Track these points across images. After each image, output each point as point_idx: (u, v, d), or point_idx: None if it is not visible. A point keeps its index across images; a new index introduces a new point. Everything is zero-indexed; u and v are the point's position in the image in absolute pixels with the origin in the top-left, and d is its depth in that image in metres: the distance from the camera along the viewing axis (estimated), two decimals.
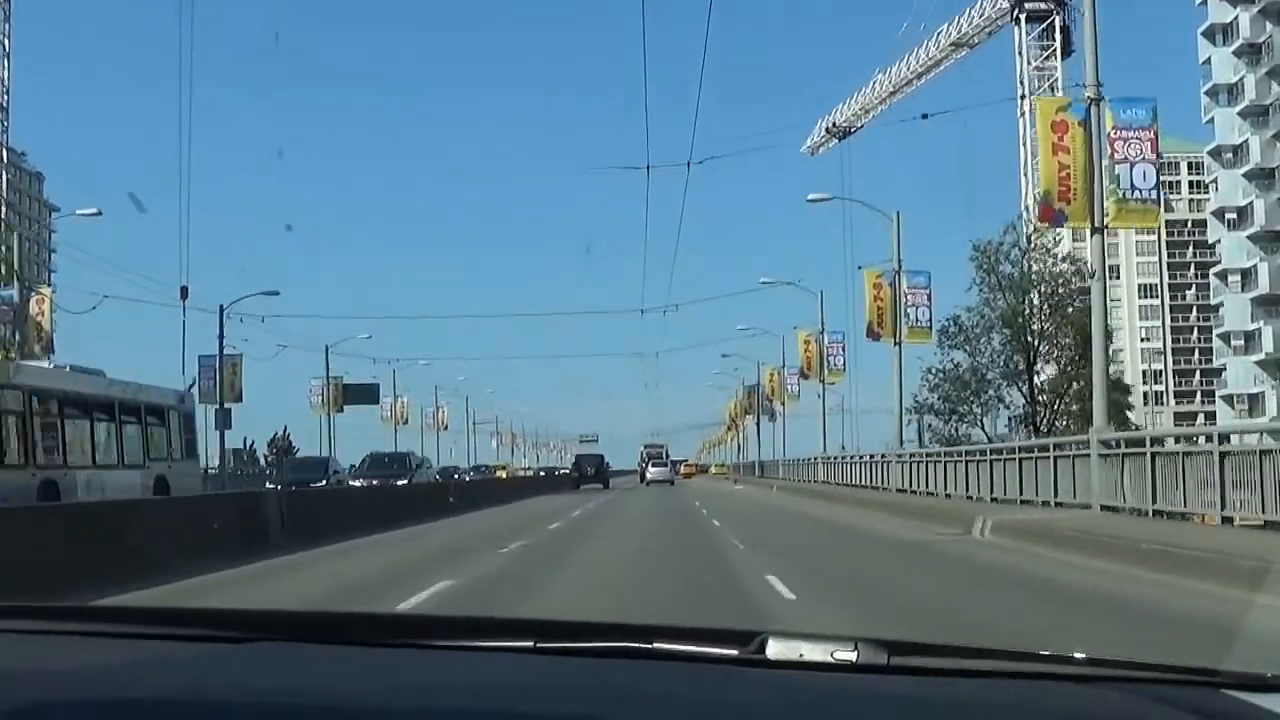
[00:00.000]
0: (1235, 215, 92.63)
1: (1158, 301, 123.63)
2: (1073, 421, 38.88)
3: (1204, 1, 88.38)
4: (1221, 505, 15.49)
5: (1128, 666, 1.72)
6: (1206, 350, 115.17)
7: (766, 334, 69.37)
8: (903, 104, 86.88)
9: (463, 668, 1.78)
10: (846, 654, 1.68)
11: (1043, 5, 78.88)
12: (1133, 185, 20.25)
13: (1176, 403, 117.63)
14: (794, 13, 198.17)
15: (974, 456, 28.56)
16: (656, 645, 1.75)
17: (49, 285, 54.05)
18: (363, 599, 12.18)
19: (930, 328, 37.70)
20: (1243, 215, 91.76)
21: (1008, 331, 40.69)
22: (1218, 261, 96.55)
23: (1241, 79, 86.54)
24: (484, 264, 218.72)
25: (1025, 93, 76.65)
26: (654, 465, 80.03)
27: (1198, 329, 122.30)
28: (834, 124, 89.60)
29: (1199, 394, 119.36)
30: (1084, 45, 20.87)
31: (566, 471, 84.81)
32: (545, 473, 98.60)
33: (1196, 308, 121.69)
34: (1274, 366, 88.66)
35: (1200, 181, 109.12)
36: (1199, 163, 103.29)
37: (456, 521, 27.70)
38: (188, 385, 29.20)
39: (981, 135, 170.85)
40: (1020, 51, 77.31)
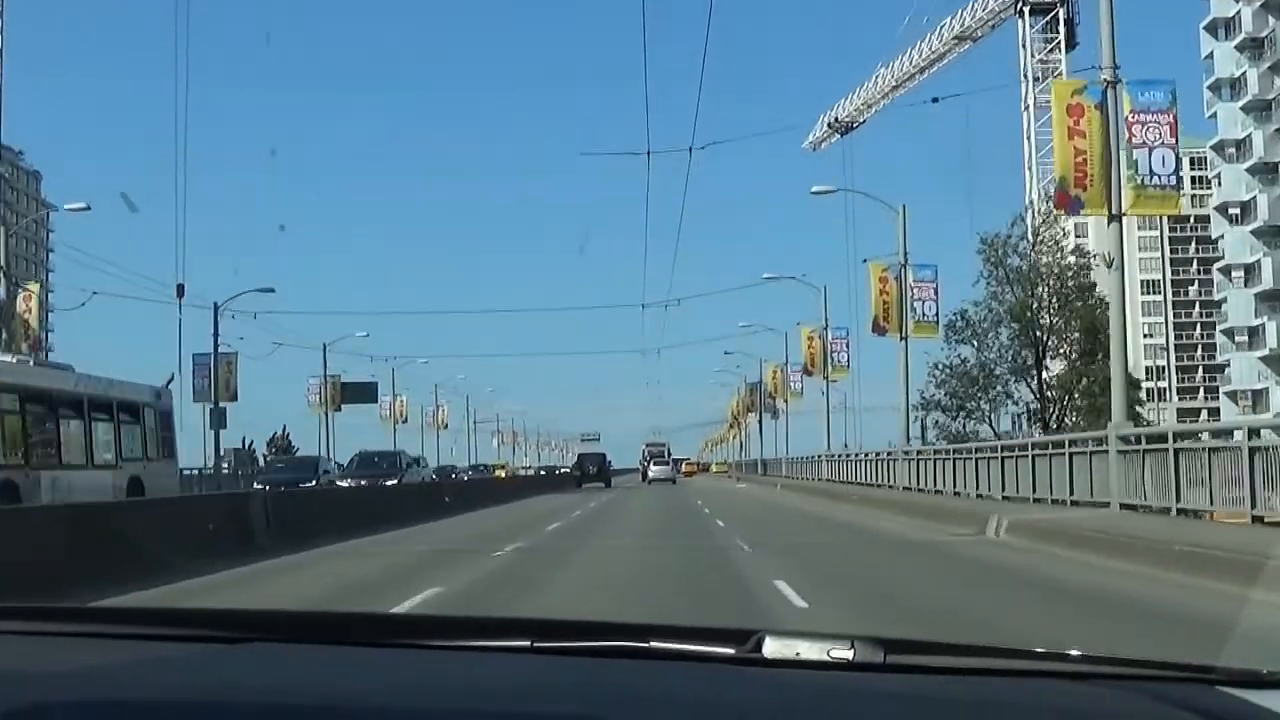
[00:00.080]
0: (1238, 210, 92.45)
1: (1160, 297, 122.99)
2: (1082, 418, 38.17)
3: None
4: (1252, 503, 14.73)
5: (1124, 664, 1.72)
6: (1209, 346, 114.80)
7: (769, 331, 69.21)
8: (905, 98, 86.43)
9: (460, 668, 1.78)
10: (843, 652, 1.67)
11: None
12: (1151, 171, 19.52)
13: (1179, 399, 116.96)
14: (795, 7, 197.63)
15: (984, 454, 27.80)
16: (653, 644, 1.74)
17: (37, 282, 53.25)
18: (343, 607, 11.44)
19: (937, 322, 36.95)
20: (1246, 210, 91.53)
21: (1016, 326, 39.90)
22: (1221, 257, 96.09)
23: (1244, 73, 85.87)
24: (483, 261, 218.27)
25: (1029, 86, 76.10)
26: (656, 464, 79.84)
27: (1200, 325, 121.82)
28: (836, 119, 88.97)
29: (1202, 390, 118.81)
30: (1100, 24, 20.10)
31: (568, 470, 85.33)
32: (546, 472, 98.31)
33: (1199, 304, 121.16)
34: (1278, 362, 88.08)
35: (1203, 177, 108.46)
36: (1202, 158, 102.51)
37: (451, 523, 26.95)
38: (166, 380, 28.04)
39: (985, 130, 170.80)
40: (1024, 44, 76.64)
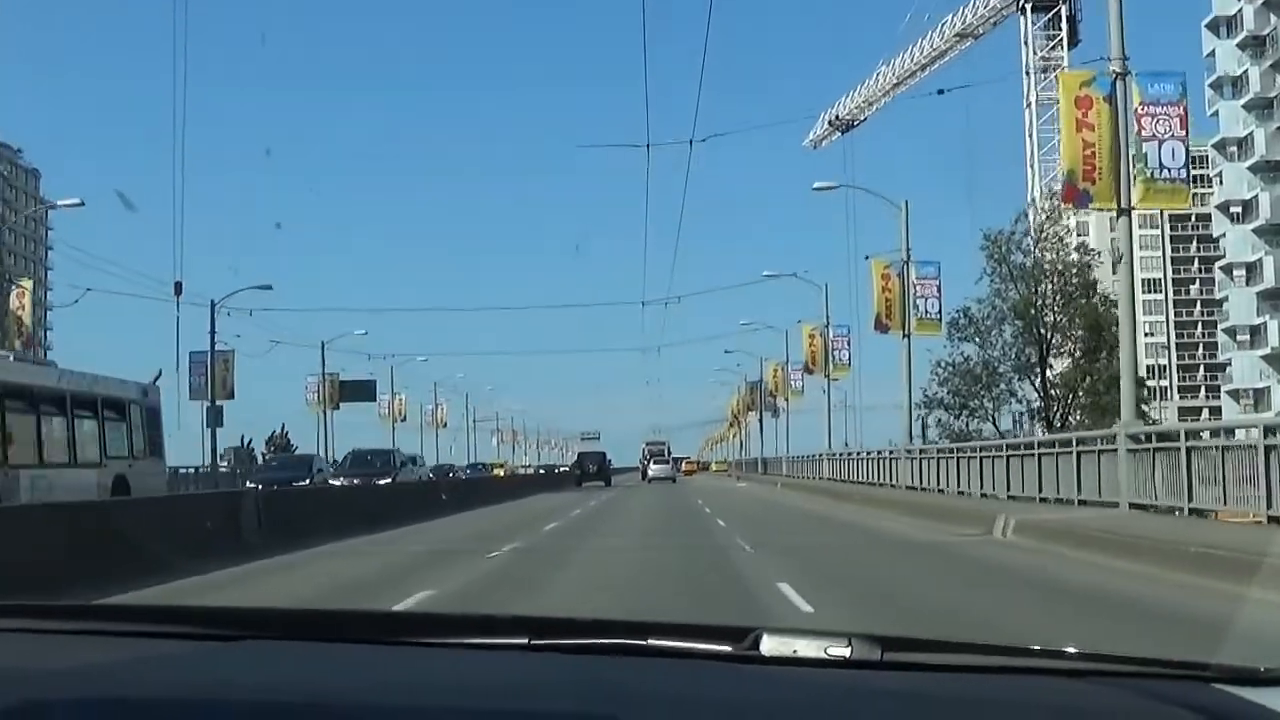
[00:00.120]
0: (1240, 209, 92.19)
1: (1161, 296, 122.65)
2: (1086, 416, 37.78)
3: None
4: (1268, 503, 14.34)
5: (1120, 661, 1.71)
6: (1210, 345, 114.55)
7: (769, 329, 68.90)
8: (907, 94, 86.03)
9: (456, 665, 1.77)
10: (840, 650, 1.67)
11: None
12: (1161, 164, 19.10)
13: (1180, 398, 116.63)
14: (795, 5, 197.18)
15: (989, 452, 27.41)
16: (651, 642, 1.73)
17: (31, 279, 52.92)
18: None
19: (940, 319, 36.55)
20: (1248, 209, 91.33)
21: (1020, 323, 39.46)
22: (1222, 256, 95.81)
23: (1246, 72, 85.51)
24: (483, 259, 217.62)
25: (1031, 84, 75.63)
26: (656, 463, 79.76)
27: (1201, 324, 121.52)
28: (837, 117, 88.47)
29: (1203, 389, 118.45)
30: (1109, 14, 19.67)
31: (567, 469, 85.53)
32: (545, 471, 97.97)
33: (1200, 302, 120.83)
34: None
35: (1204, 175, 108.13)
36: (1203, 156, 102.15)
37: (447, 522, 26.54)
38: (154, 377, 27.54)
39: (987, 128, 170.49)
40: (1026, 41, 76.12)
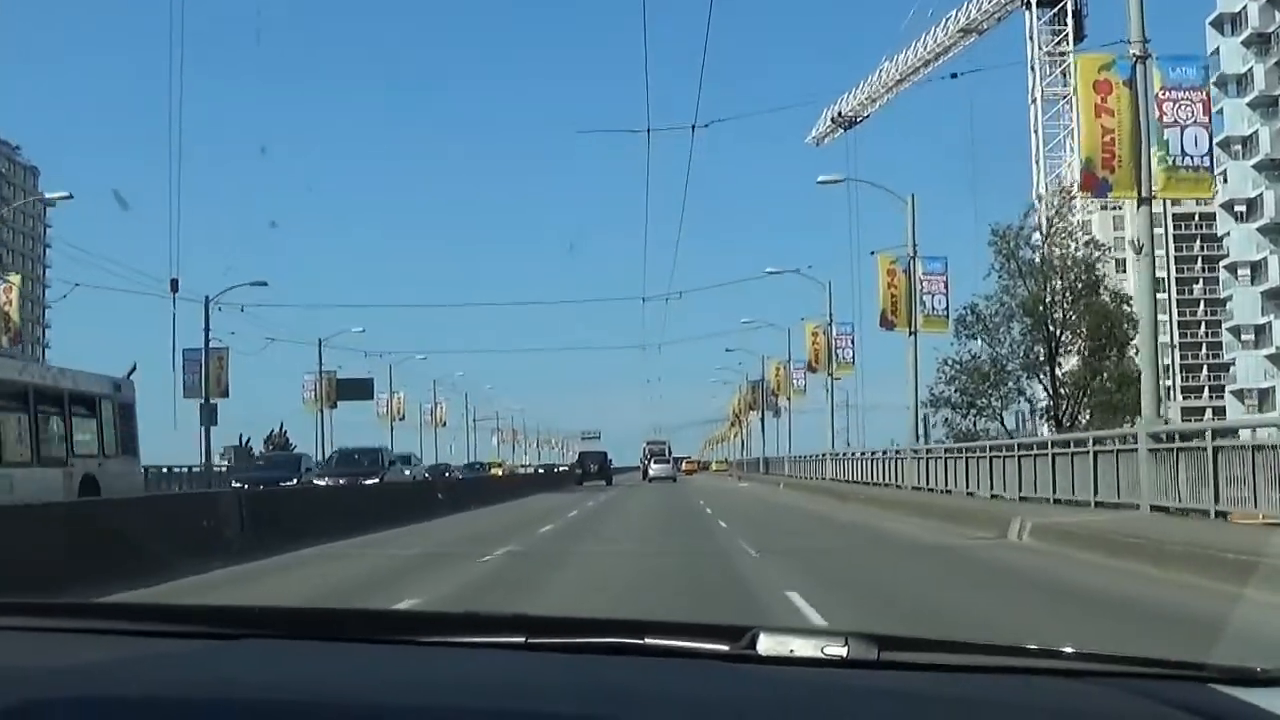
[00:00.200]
0: (1244, 207, 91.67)
1: (1164, 295, 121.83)
2: (1096, 415, 36.97)
3: None
4: None
5: (1116, 661, 1.71)
6: (1214, 345, 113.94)
7: (771, 326, 68.21)
8: (910, 92, 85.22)
9: (454, 664, 1.77)
10: (837, 649, 1.67)
11: None
12: (1183, 151, 18.34)
13: (1184, 398, 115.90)
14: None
15: (999, 452, 26.62)
16: (648, 641, 1.74)
17: (18, 274, 52.13)
18: None
19: (947, 316, 35.79)
20: (1252, 207, 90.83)
21: (1029, 320, 38.61)
22: (1225, 255, 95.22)
23: (1250, 69, 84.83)
24: (482, 256, 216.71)
25: (1036, 79, 74.77)
26: (656, 462, 79.72)
27: (1205, 323, 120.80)
28: (839, 113, 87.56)
29: (1206, 389, 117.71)
30: None
31: (567, 469, 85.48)
32: (545, 470, 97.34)
33: (1204, 301, 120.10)
34: None
35: None
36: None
37: (441, 524, 25.70)
38: (127, 371, 26.27)
39: (991, 126, 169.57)
40: (1031, 36, 75.24)
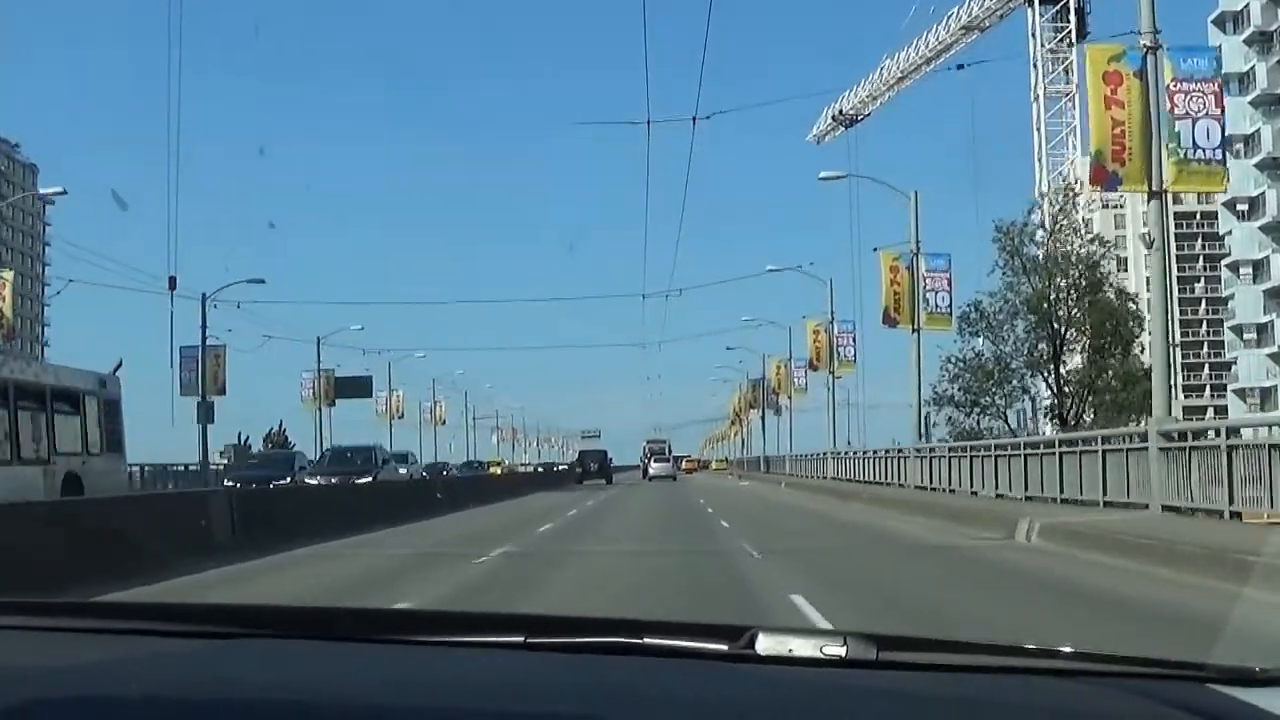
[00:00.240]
0: (1246, 206, 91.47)
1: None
2: (1102, 414, 36.57)
3: None
4: None
5: (1115, 661, 1.71)
6: (1215, 344, 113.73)
7: (772, 324, 67.95)
8: (911, 91, 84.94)
9: (453, 664, 1.76)
10: (836, 649, 1.67)
11: None
12: (1195, 144, 17.90)
13: (1185, 397, 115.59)
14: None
15: (1004, 451, 26.22)
16: (647, 641, 1.74)
17: (10, 269, 51.67)
18: None
19: (950, 313, 35.35)
20: (1254, 206, 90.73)
21: (1033, 318, 38.18)
22: (1227, 254, 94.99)
23: (1252, 68, 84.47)
24: (480, 251, 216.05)
25: (1039, 77, 74.42)
26: (656, 461, 79.64)
27: (1206, 322, 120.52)
28: (840, 111, 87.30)
29: (1208, 388, 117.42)
30: None
31: (566, 467, 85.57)
32: (544, 469, 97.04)
33: (1205, 300, 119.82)
34: None
35: None
36: None
37: (437, 524, 25.27)
38: (114, 366, 25.63)
39: (993, 123, 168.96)
40: (1034, 34, 74.89)
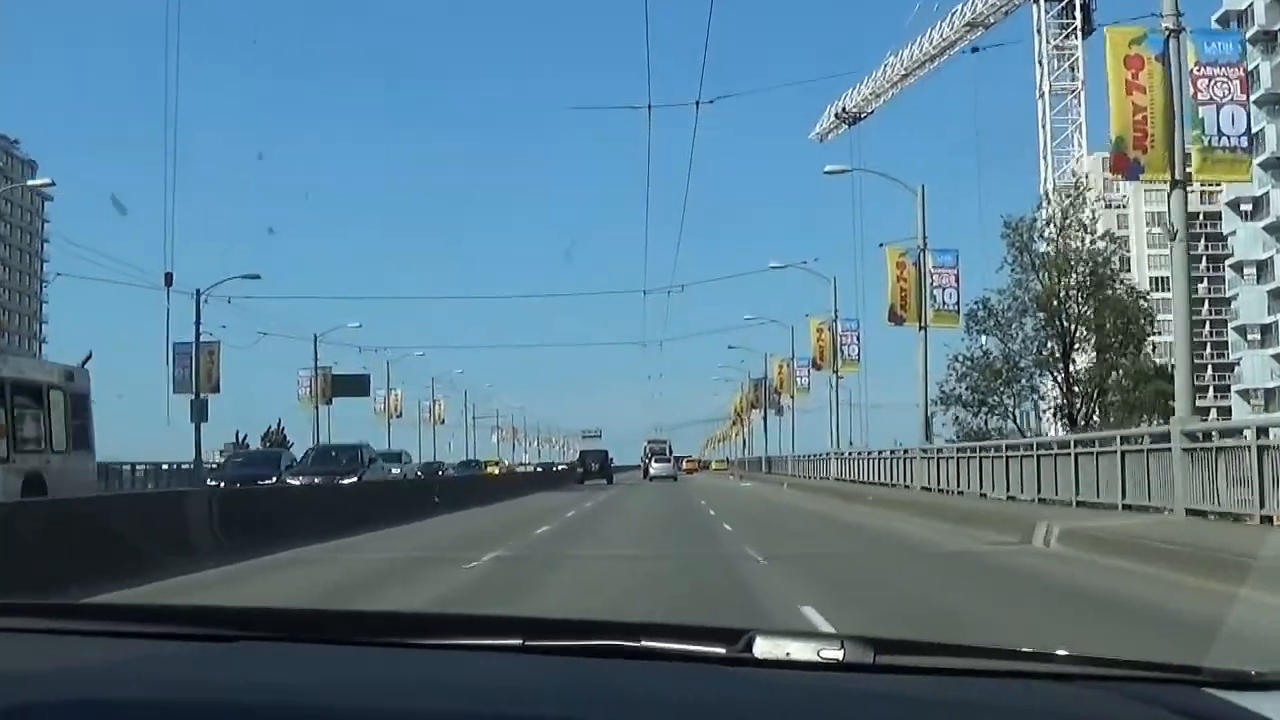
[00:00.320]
0: (1250, 206, 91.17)
1: (1169, 295, 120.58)
2: (1114, 414, 35.79)
3: None
4: None
5: (1111, 664, 1.70)
6: (1219, 345, 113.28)
7: (774, 323, 67.42)
8: (914, 88, 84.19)
9: (450, 667, 1.76)
10: (833, 652, 1.67)
11: None
12: (1219, 131, 17.16)
13: None
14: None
15: (1016, 452, 25.43)
16: (644, 644, 1.73)
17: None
18: None
19: (958, 311, 34.62)
20: (1258, 206, 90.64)
21: (1042, 316, 37.38)
22: (1231, 254, 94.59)
23: (1256, 67, 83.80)
24: (481, 253, 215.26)
25: (1044, 73, 73.60)
26: (657, 461, 79.38)
27: (1210, 322, 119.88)
28: (844, 109, 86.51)
29: (1211, 389, 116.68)
30: None
31: (566, 467, 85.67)
32: (543, 469, 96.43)
33: (1209, 301, 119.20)
34: None
35: None
36: None
37: (430, 525, 24.46)
38: (83, 359, 24.48)
39: (997, 121, 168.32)
40: (1039, 30, 74.09)
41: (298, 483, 29.82)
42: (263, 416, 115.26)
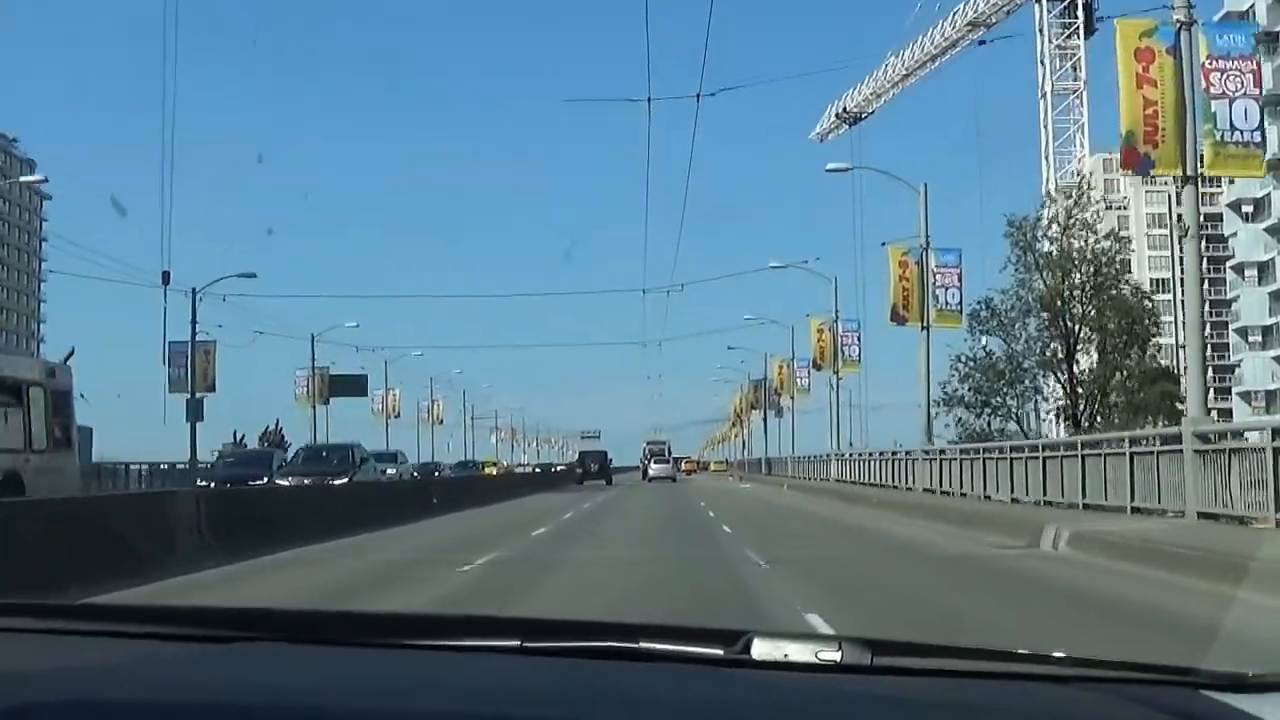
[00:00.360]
0: (1252, 208, 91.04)
1: (1170, 296, 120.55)
2: (1119, 416, 35.45)
3: None
4: None
5: (1108, 666, 1.70)
6: (1219, 346, 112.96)
7: (774, 323, 67.16)
8: (915, 88, 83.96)
9: (449, 668, 1.77)
10: (831, 654, 1.67)
11: None
12: (1232, 125, 16.86)
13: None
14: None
15: (1020, 453, 25.05)
16: (643, 645, 1.73)
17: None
18: None
19: (961, 311, 34.26)
20: (1259, 207, 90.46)
21: (1045, 316, 37.01)
22: (1232, 255, 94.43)
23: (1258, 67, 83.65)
24: (481, 252, 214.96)
25: (1046, 74, 73.38)
26: (656, 462, 79.29)
27: (1210, 324, 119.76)
28: (844, 109, 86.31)
29: (1212, 391, 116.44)
30: None
31: (565, 468, 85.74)
32: (543, 469, 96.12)
33: (1210, 302, 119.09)
34: None
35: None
36: None
37: (426, 526, 24.09)
38: (65, 355, 23.85)
39: (998, 121, 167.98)
40: (1041, 29, 73.88)
41: (287, 483, 29.33)
42: (262, 416, 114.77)
